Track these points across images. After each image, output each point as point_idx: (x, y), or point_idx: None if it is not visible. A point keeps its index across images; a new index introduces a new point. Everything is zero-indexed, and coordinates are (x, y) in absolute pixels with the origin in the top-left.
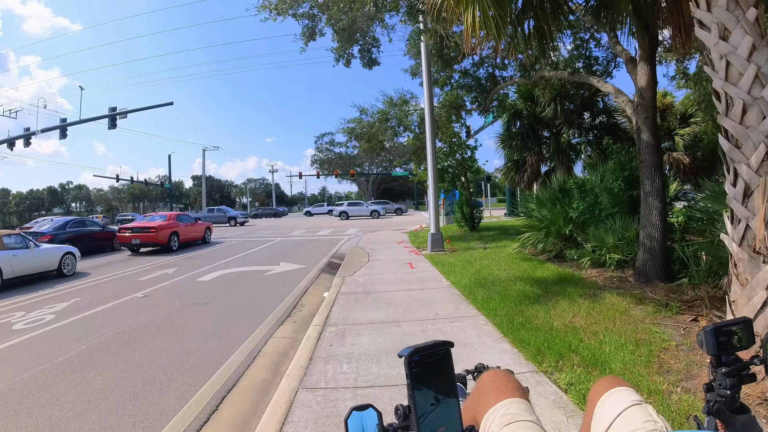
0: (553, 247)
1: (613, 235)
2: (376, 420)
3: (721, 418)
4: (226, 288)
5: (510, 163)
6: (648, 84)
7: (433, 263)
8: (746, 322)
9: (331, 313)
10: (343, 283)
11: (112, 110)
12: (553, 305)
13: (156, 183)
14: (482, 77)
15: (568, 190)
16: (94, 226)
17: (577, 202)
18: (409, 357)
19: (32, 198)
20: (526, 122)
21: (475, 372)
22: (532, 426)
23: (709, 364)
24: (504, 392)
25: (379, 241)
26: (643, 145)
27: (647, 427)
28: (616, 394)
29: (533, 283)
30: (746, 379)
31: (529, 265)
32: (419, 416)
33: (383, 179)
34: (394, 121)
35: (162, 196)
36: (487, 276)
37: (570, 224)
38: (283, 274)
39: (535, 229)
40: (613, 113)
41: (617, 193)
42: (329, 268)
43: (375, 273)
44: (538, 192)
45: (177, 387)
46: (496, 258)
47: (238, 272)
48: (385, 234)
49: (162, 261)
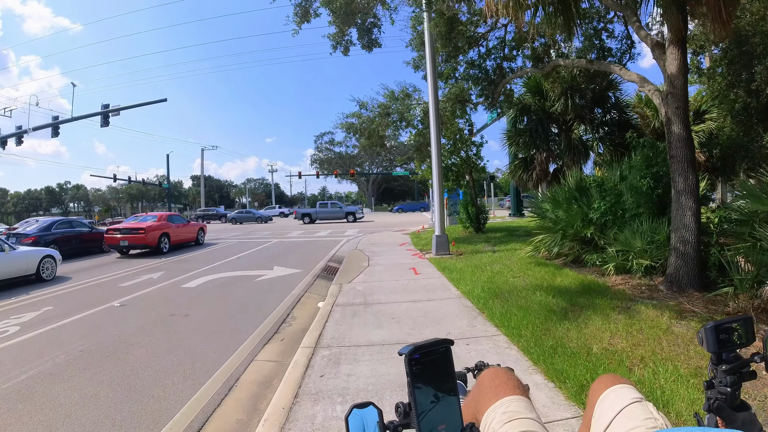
0: (569, 251)
1: (640, 238)
2: (376, 418)
3: (722, 416)
4: (212, 296)
5: (517, 161)
6: (679, 70)
7: (439, 268)
8: (747, 320)
9: (324, 331)
10: (340, 291)
11: (105, 107)
12: (584, 322)
13: (154, 183)
14: (490, 69)
15: (586, 188)
16: (82, 227)
17: (598, 202)
18: (409, 355)
19: (30, 198)
20: (534, 118)
21: (475, 370)
22: (532, 423)
23: (709, 361)
24: (504, 390)
25: (380, 243)
26: (674, 138)
27: (648, 424)
28: (617, 392)
29: (555, 293)
30: (747, 376)
31: (545, 272)
32: (419, 414)
33: (383, 179)
34: (396, 116)
35: (160, 196)
36: (502, 284)
37: (591, 226)
38: (275, 280)
39: (550, 231)
40: (625, 109)
41: (645, 191)
42: (326, 273)
43: (375, 280)
44: (551, 191)
45: (132, 429)
46: (507, 263)
47: (227, 278)
48: (385, 235)
49: (150, 264)
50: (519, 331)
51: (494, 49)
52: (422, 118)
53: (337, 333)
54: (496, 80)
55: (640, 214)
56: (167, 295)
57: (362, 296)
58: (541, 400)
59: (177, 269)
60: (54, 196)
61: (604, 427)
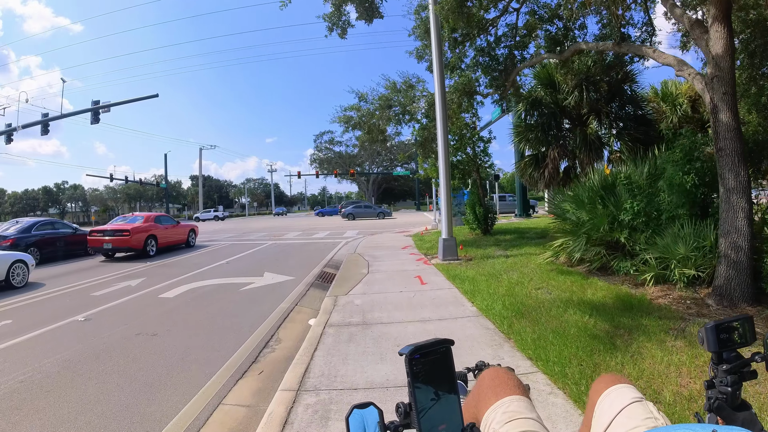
0: (595, 257)
1: (683, 243)
2: (377, 418)
3: (722, 415)
4: (189, 310)
5: (528, 159)
6: (726, 50)
7: (449, 277)
8: (747, 319)
9: (312, 365)
10: (335, 306)
11: (95, 103)
12: (638, 352)
13: (152, 183)
14: (501, 56)
15: (613, 187)
16: (66, 229)
17: (630, 202)
18: (409, 355)
19: (27, 198)
20: (546, 112)
21: (476, 370)
22: (532, 423)
23: (710, 361)
24: (505, 390)
25: (381, 246)
26: (721, 127)
27: (648, 423)
28: (617, 391)
29: (591, 310)
30: (747, 376)
31: (571, 282)
32: (420, 413)
33: (384, 179)
34: (398, 109)
35: (158, 196)
36: (525, 298)
37: (623, 230)
38: (264, 289)
39: (571, 234)
40: (641, 103)
41: (689, 189)
42: (321, 281)
43: (376, 291)
44: (573, 189)
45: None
46: (525, 270)
47: (211, 286)
48: (386, 237)
49: (132, 269)
50: (562, 368)
51: (504, 36)
52: (427, 110)
53: (328, 368)
54: (508, 68)
55: (679, 215)
56: (140, 308)
57: (360, 313)
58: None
59: (159, 275)
60: (51, 196)
61: (605, 427)
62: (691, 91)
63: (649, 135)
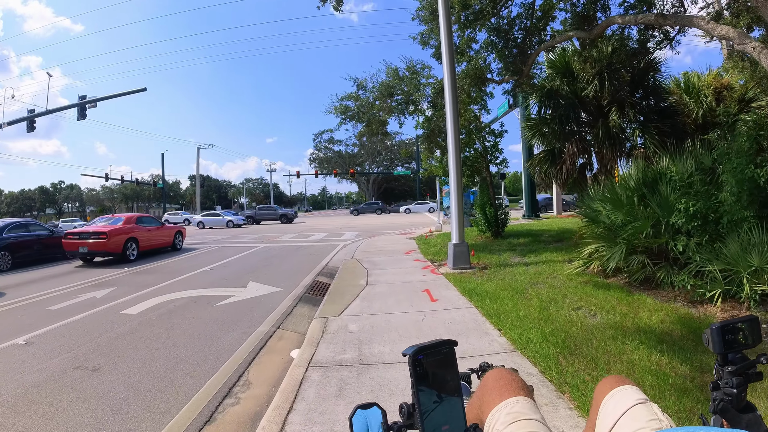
0: (635, 268)
1: (756, 253)
2: (380, 418)
3: (727, 417)
4: (149, 333)
5: (543, 154)
6: None
7: (463, 291)
8: (753, 320)
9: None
10: (324, 332)
11: (82, 99)
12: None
13: (148, 182)
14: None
15: (654, 184)
16: (41, 231)
17: (685, 202)
18: (413, 356)
19: (24, 198)
20: (563, 103)
21: (479, 370)
22: (536, 424)
23: (715, 362)
24: (508, 391)
25: (381, 251)
26: None
27: (652, 425)
28: (621, 393)
29: (656, 342)
30: (753, 377)
31: (615, 299)
32: (423, 414)
33: (384, 179)
34: (401, 97)
35: (156, 196)
36: (565, 323)
37: (680, 236)
38: (244, 305)
39: (605, 240)
40: (664, 95)
41: (762, 186)
42: (312, 293)
43: (375, 310)
44: (609, 187)
45: None
46: (553, 283)
47: (185, 299)
48: (387, 240)
49: (105, 277)
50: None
51: (519, 17)
52: (434, 98)
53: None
54: (525, 50)
55: (746, 218)
56: (94, 328)
57: (356, 345)
58: None
59: (132, 284)
60: (48, 195)
61: (609, 428)
62: (716, 83)
63: (676, 128)
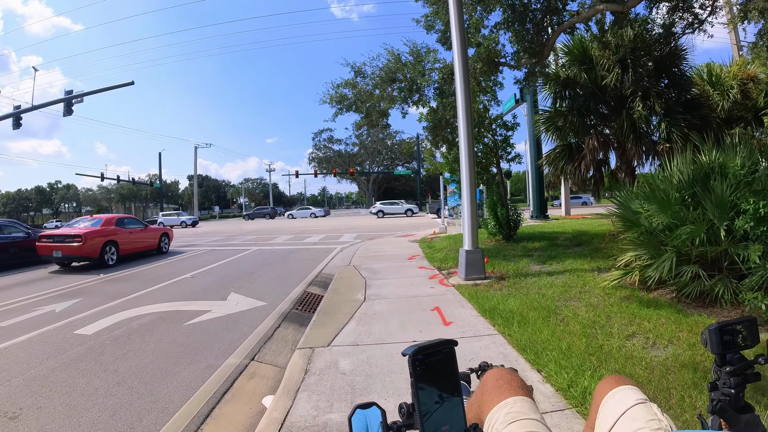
0: (685, 280)
1: None
2: (380, 418)
3: (725, 417)
4: (95, 363)
5: (559, 149)
6: None
7: (482, 311)
8: (751, 321)
9: None
10: (308, 373)
11: (68, 93)
12: None
13: (145, 182)
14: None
15: (706, 180)
16: (17, 233)
17: (754, 202)
18: (413, 355)
19: (20, 198)
20: (582, 93)
21: (479, 370)
22: (535, 424)
23: (713, 363)
24: (508, 390)
25: (382, 256)
26: None
27: (652, 425)
28: (621, 393)
29: (751, 388)
30: (751, 378)
31: (672, 322)
32: (423, 414)
33: (384, 178)
34: (404, 84)
35: (153, 196)
36: (624, 360)
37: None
38: (218, 324)
39: (646, 246)
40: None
41: None
42: (300, 309)
43: (374, 339)
44: (650, 184)
45: None
46: (589, 299)
47: (152, 315)
48: (388, 243)
49: (76, 285)
50: None
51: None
52: (441, 84)
53: None
54: (543, 29)
55: None
56: (36, 353)
57: (347, 395)
58: None
59: (100, 295)
60: (44, 196)
61: (608, 428)
62: (743, 74)
63: (706, 121)
